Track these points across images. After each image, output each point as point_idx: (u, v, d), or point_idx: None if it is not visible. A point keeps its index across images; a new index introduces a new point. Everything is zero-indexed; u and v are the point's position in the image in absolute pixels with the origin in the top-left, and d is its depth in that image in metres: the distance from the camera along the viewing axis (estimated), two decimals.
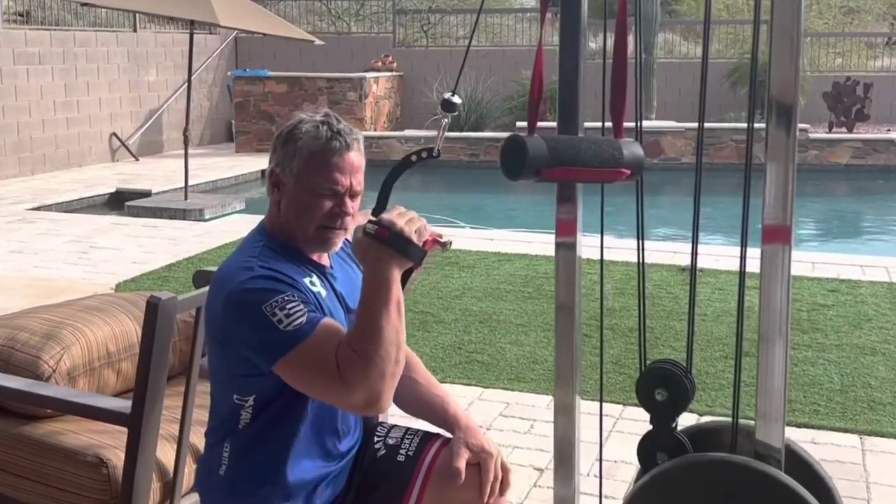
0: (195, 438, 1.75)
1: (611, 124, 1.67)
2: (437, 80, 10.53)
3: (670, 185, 8.54)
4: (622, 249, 4.66)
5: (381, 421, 1.72)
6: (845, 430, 2.86)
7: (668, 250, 5.18)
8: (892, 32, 15.17)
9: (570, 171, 1.57)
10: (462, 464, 1.54)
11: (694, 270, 1.79)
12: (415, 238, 1.37)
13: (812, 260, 5.02)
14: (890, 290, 4.44)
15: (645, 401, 1.82)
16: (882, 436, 2.84)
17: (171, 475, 1.73)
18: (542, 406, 3.04)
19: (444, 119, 1.56)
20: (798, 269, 4.64)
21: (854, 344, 3.65)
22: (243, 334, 1.39)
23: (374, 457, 1.62)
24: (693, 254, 1.78)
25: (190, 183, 7.16)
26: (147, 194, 7.47)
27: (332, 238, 1.49)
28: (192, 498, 1.75)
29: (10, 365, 1.80)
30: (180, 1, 6.60)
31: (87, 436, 1.74)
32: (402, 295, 1.39)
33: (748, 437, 1.71)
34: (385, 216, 1.38)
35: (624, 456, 2.55)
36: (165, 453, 1.74)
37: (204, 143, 11.00)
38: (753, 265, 1.66)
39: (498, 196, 8.55)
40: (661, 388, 1.79)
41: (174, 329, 1.68)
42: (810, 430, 2.86)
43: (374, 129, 10.53)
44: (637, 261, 1.80)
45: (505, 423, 2.93)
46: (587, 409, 2.13)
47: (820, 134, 9.68)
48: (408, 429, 1.67)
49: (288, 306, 1.36)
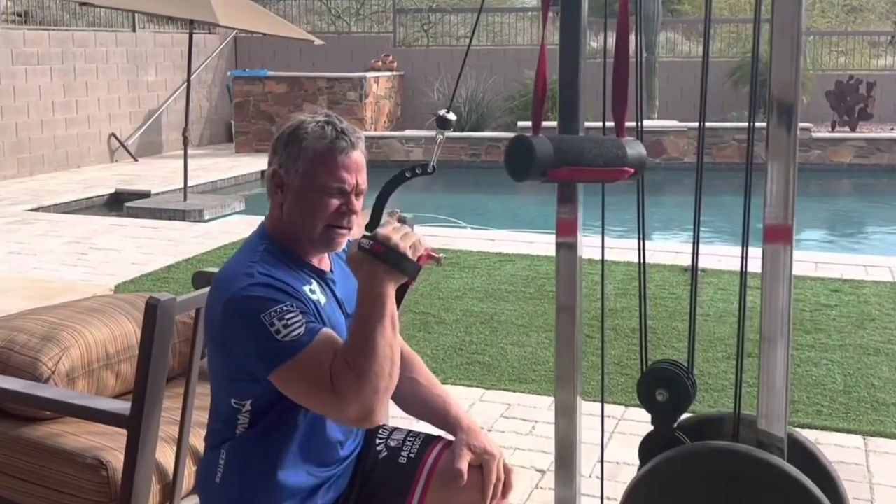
0: (195, 440, 1.74)
1: (612, 123, 1.67)
2: (437, 79, 10.53)
3: (673, 184, 8.52)
4: (624, 250, 4.65)
5: (382, 423, 1.72)
6: (849, 431, 2.85)
7: (671, 250, 5.17)
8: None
9: (575, 170, 1.57)
10: (464, 465, 1.53)
11: (695, 270, 1.79)
12: (409, 253, 1.37)
13: (815, 260, 5.01)
14: (894, 290, 4.43)
15: (646, 401, 1.81)
16: (885, 437, 2.82)
17: (171, 477, 1.73)
18: (543, 407, 3.03)
19: (440, 136, 1.55)
20: (801, 269, 4.62)
21: (857, 344, 3.64)
22: (241, 341, 1.39)
23: (376, 459, 1.62)
24: (694, 254, 1.78)
25: (189, 183, 7.14)
26: (146, 195, 7.45)
27: (337, 238, 1.49)
28: (192, 500, 1.75)
29: (9, 367, 1.80)
30: (179, 1, 6.58)
31: (87, 438, 1.74)
32: (396, 310, 1.39)
33: (750, 427, 1.70)
34: (380, 231, 1.38)
35: (626, 457, 2.53)
36: (165, 455, 1.73)
37: (203, 143, 10.97)
38: (755, 265, 1.65)
39: (499, 196, 8.54)
40: (662, 388, 1.79)
41: (173, 330, 1.68)
42: (813, 430, 2.84)
43: (375, 129, 10.50)
44: (638, 261, 1.79)
45: (506, 424, 2.92)
46: (589, 410, 2.12)
47: (823, 133, 9.65)
48: (409, 431, 1.67)
49: (286, 317, 1.36)
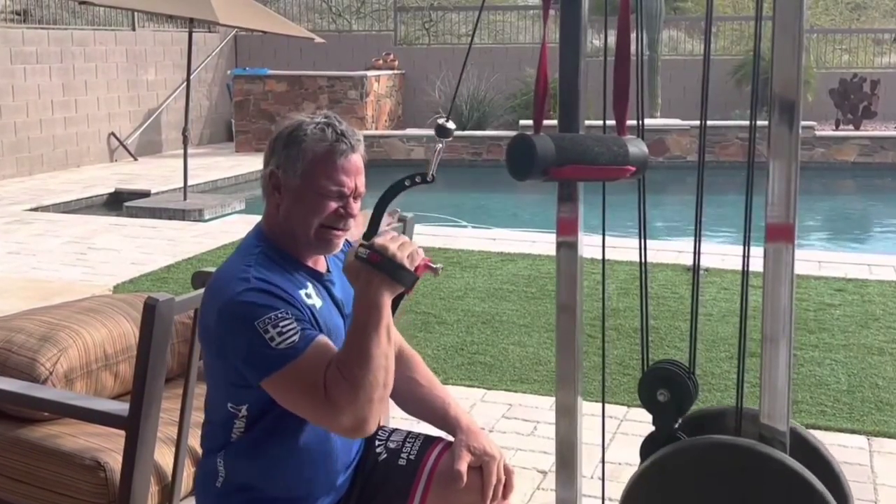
0: (194, 441, 1.74)
1: (613, 122, 1.66)
2: (438, 78, 10.51)
3: (676, 183, 8.49)
4: (626, 249, 4.63)
5: (381, 425, 1.71)
6: (852, 431, 2.84)
7: (673, 249, 5.15)
8: None
9: (577, 169, 1.56)
10: (464, 467, 1.52)
11: (696, 269, 1.78)
12: (407, 263, 1.36)
13: (819, 259, 4.99)
14: None
15: (647, 402, 1.80)
16: (890, 437, 2.81)
17: (170, 479, 1.72)
18: (545, 408, 3.02)
19: (439, 144, 1.54)
20: (805, 269, 4.61)
21: (861, 344, 3.62)
22: (235, 346, 1.39)
23: (375, 461, 1.61)
24: (696, 253, 1.77)
25: (189, 183, 7.11)
26: (146, 194, 7.43)
27: (333, 240, 1.48)
28: (190, 502, 1.74)
29: (7, 367, 1.79)
30: None
31: (85, 439, 1.73)
32: (391, 319, 1.38)
33: (752, 421, 1.68)
34: (377, 241, 1.37)
35: (628, 458, 2.52)
36: (164, 456, 1.73)
37: (203, 142, 10.93)
38: (757, 264, 1.63)
39: (501, 195, 8.52)
40: (664, 388, 1.78)
41: (172, 331, 1.67)
42: (817, 430, 2.83)
43: (376, 128, 10.45)
44: (640, 260, 1.78)
45: (508, 424, 2.91)
46: (590, 411, 2.11)
47: (826, 131, 9.61)
48: (409, 432, 1.66)
49: (281, 324, 1.35)
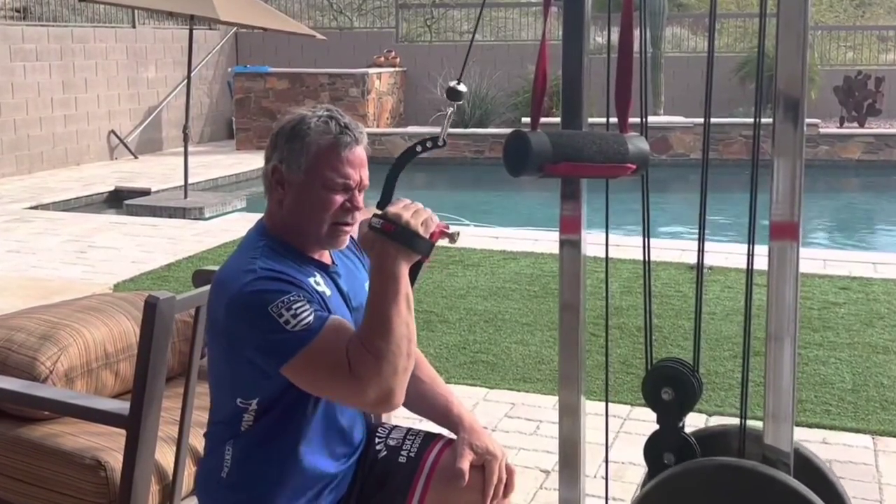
0: (195, 440, 1.73)
1: (616, 119, 1.65)
2: (440, 75, 10.48)
3: (679, 181, 8.47)
4: (629, 247, 4.62)
5: (382, 422, 1.70)
6: (857, 431, 2.83)
7: (677, 248, 5.13)
8: None
9: (573, 166, 1.55)
10: (466, 465, 1.52)
11: (700, 268, 1.77)
12: (421, 231, 1.35)
13: (823, 257, 4.97)
14: None
15: (651, 400, 1.79)
16: (895, 436, 2.79)
17: (171, 478, 1.72)
18: (548, 407, 3.00)
19: (450, 108, 1.53)
20: (809, 267, 4.59)
21: (866, 342, 3.61)
22: (249, 337, 1.37)
23: (376, 458, 1.60)
24: (700, 251, 1.76)
25: (190, 181, 7.09)
26: (146, 193, 7.42)
27: (343, 236, 1.48)
28: (191, 501, 1.73)
29: (7, 366, 1.79)
30: None
31: (85, 438, 1.73)
32: (410, 288, 1.37)
33: (756, 441, 1.68)
34: (390, 209, 1.36)
35: (632, 457, 2.51)
36: (164, 455, 1.72)
37: (204, 140, 10.91)
38: (761, 262, 1.62)
39: (503, 193, 8.50)
40: (668, 387, 1.77)
41: (173, 329, 1.67)
42: (822, 430, 2.82)
43: (377, 126, 10.42)
44: (643, 258, 1.77)
45: (510, 424, 2.90)
46: (593, 410, 2.10)
47: (831, 129, 9.58)
48: (409, 429, 1.65)
49: (294, 306, 1.34)
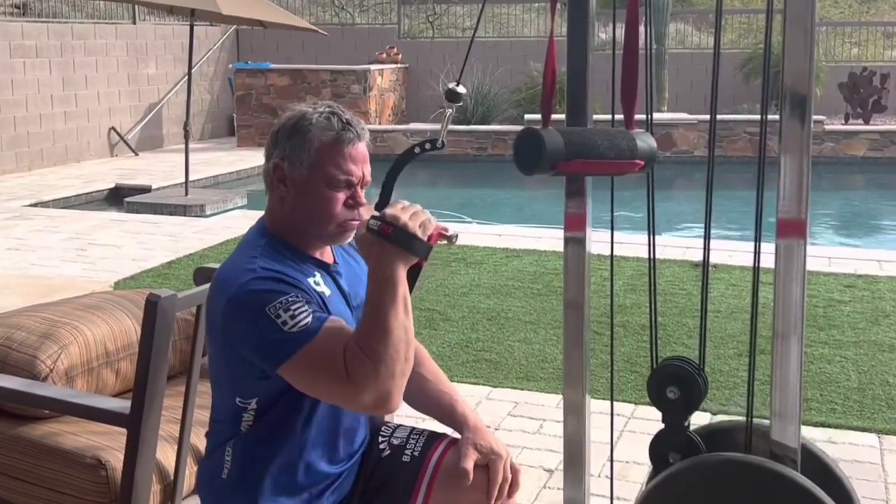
0: (196, 439, 1.73)
1: (622, 116, 1.63)
2: (443, 72, 10.45)
3: (682, 178, 8.46)
4: (633, 245, 4.61)
5: (385, 421, 1.69)
6: (863, 430, 2.81)
7: (681, 245, 5.11)
8: None
9: (586, 163, 1.54)
10: (470, 465, 1.51)
11: (706, 266, 1.75)
12: (419, 233, 1.34)
13: (828, 255, 4.94)
14: None
15: (656, 399, 1.79)
16: None
17: (172, 477, 1.71)
18: (551, 405, 2.99)
19: (449, 109, 1.52)
20: (814, 265, 4.56)
21: (872, 341, 3.59)
22: (246, 337, 1.37)
23: (379, 457, 1.59)
24: (705, 249, 1.75)
25: (190, 178, 7.08)
26: (147, 190, 7.41)
27: (349, 232, 1.47)
28: (193, 500, 1.72)
29: (7, 365, 1.78)
30: None
31: (86, 437, 1.72)
32: (408, 291, 1.36)
33: (763, 437, 1.67)
34: (388, 211, 1.35)
35: (636, 456, 2.50)
36: (166, 455, 1.71)
37: (205, 137, 10.88)
38: (767, 260, 1.61)
39: (506, 190, 8.49)
40: (673, 386, 1.76)
41: (174, 327, 1.66)
42: (827, 429, 2.80)
43: (379, 123, 10.40)
44: (648, 256, 1.76)
45: (513, 422, 2.88)
46: (597, 409, 2.09)
47: (836, 126, 9.54)
48: (413, 428, 1.64)
49: (292, 307, 1.33)
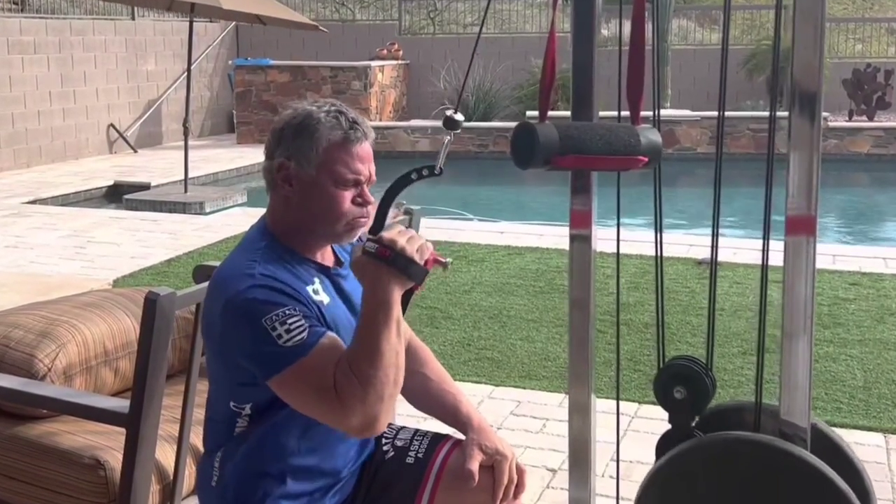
0: (196, 439, 1.71)
1: (628, 112, 1.62)
2: (444, 68, 10.42)
3: (685, 175, 8.43)
4: (636, 242, 4.58)
5: (387, 426, 1.67)
6: (869, 429, 2.80)
7: (684, 243, 5.08)
8: None
9: (582, 159, 1.51)
10: (475, 466, 1.49)
11: (714, 264, 1.73)
12: (416, 257, 1.33)
13: (833, 252, 4.92)
14: None
15: (663, 399, 1.76)
16: None
17: (171, 477, 1.69)
18: (554, 404, 2.97)
19: (447, 137, 1.51)
20: (818, 262, 4.49)
21: (877, 339, 3.56)
22: (241, 344, 1.35)
23: (382, 459, 1.57)
24: (713, 248, 1.72)
25: (190, 175, 7.05)
26: (146, 187, 7.38)
27: (357, 230, 1.46)
28: (192, 501, 1.71)
29: (4, 363, 1.76)
30: None
31: (84, 437, 1.71)
32: (402, 315, 1.36)
33: (773, 417, 1.65)
34: (385, 235, 1.34)
35: (640, 456, 2.48)
36: (165, 454, 1.70)
37: (204, 134, 10.85)
38: (774, 258, 1.59)
39: (508, 187, 8.47)
40: (680, 385, 1.74)
41: (173, 326, 1.64)
42: (833, 428, 2.77)
43: (380, 119, 10.36)
44: (655, 253, 1.74)
45: (516, 422, 2.86)
46: (601, 408, 2.06)
47: (840, 122, 9.51)
48: (417, 430, 1.62)
49: (289, 321, 1.32)
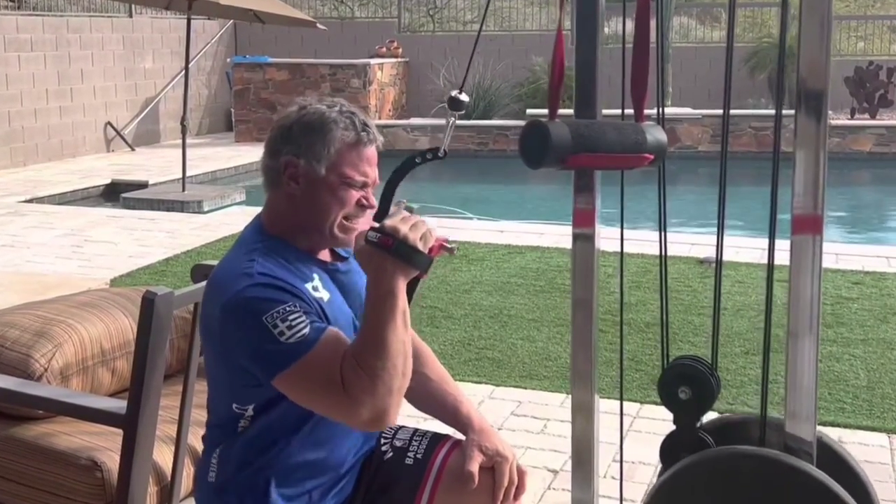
0: (194, 440, 1.69)
1: (631, 110, 1.60)
2: (443, 66, 10.39)
3: (686, 174, 8.40)
4: (637, 241, 4.56)
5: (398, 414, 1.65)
6: (872, 429, 2.77)
7: (686, 242, 5.06)
8: None
9: (594, 157, 1.50)
10: (475, 467, 1.48)
11: (719, 263, 1.72)
12: (420, 245, 1.30)
13: (835, 251, 4.89)
14: None
15: (667, 399, 1.75)
16: None
17: (169, 479, 1.68)
18: (555, 404, 2.95)
19: (451, 118, 1.48)
20: None
21: (881, 338, 3.55)
22: (242, 345, 1.33)
23: (381, 460, 1.56)
24: (718, 247, 1.71)
25: (188, 174, 7.02)
26: (143, 186, 7.34)
27: (351, 234, 1.43)
28: (190, 502, 1.69)
29: (0, 364, 1.74)
30: None
31: (81, 438, 1.69)
32: (407, 305, 1.33)
33: (777, 431, 1.64)
34: (388, 223, 1.31)
35: (643, 457, 2.46)
36: (163, 456, 1.68)
37: (202, 132, 10.80)
38: (778, 257, 1.57)
39: (508, 186, 8.45)
40: (685, 386, 1.73)
41: (171, 326, 1.63)
42: (836, 428, 2.76)
43: (379, 118, 10.32)
44: (659, 253, 1.72)
45: (517, 422, 2.84)
46: (603, 408, 2.04)
47: (842, 121, 9.48)
48: (416, 430, 1.61)
49: (290, 317, 1.30)
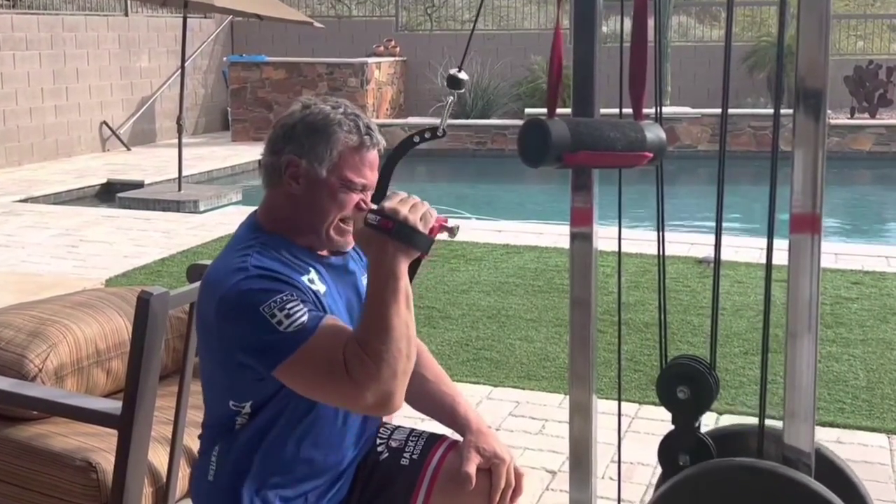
0: (189, 441, 1.69)
1: (630, 109, 1.60)
2: (441, 65, 10.38)
3: (686, 173, 8.39)
4: (635, 241, 4.54)
5: (383, 422, 1.64)
6: (872, 430, 2.76)
7: (685, 241, 5.05)
8: None
9: (593, 155, 1.49)
10: (472, 469, 1.46)
11: (717, 263, 1.71)
12: (420, 226, 1.29)
13: (835, 251, 4.88)
14: None
15: (666, 399, 1.74)
16: None
17: (164, 479, 1.67)
18: (553, 405, 2.94)
19: (450, 97, 1.48)
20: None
21: (880, 339, 3.54)
22: (240, 339, 1.32)
23: (377, 460, 1.55)
24: (717, 246, 1.70)
25: (184, 173, 7.00)
26: (139, 185, 7.33)
27: (347, 235, 1.43)
28: (186, 503, 1.68)
29: None
30: None
31: (75, 439, 1.68)
32: (409, 287, 1.32)
33: (775, 441, 1.62)
34: (387, 204, 1.30)
35: (641, 457, 2.45)
36: (158, 456, 1.67)
37: (199, 131, 10.78)
38: (777, 257, 1.57)
39: (506, 185, 8.44)
40: (684, 385, 1.72)
41: (166, 326, 1.63)
42: (836, 429, 2.75)
43: (377, 117, 10.31)
44: (657, 252, 1.72)
45: (515, 423, 2.84)
46: (601, 409, 2.04)
47: (841, 120, 9.47)
48: (412, 430, 1.60)
49: (287, 306, 1.29)
